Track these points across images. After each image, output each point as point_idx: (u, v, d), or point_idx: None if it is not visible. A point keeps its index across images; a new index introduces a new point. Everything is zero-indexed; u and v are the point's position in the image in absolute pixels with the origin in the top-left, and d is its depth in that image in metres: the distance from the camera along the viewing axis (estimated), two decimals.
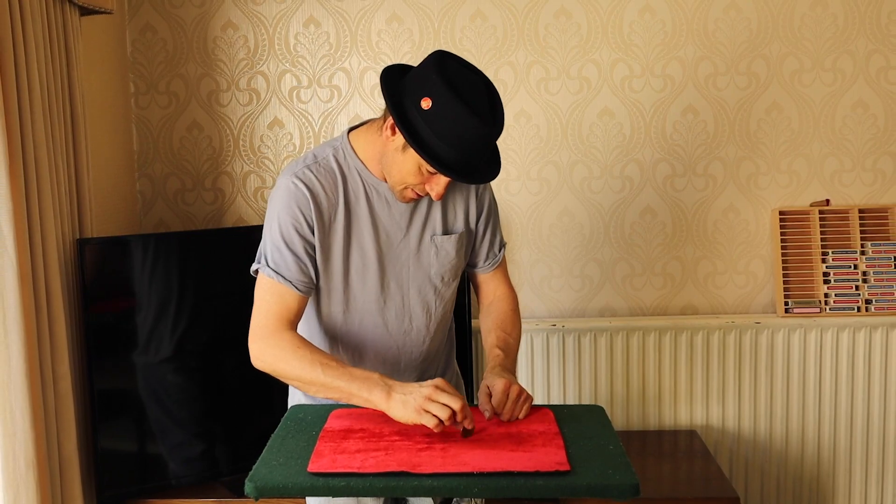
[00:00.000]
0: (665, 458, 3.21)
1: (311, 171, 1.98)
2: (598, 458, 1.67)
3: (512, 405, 1.86)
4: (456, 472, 1.58)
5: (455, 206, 2.10)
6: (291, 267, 1.96)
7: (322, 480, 1.58)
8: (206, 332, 2.95)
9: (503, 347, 2.07)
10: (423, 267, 2.08)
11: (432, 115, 1.81)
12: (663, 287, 3.47)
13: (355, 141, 2.03)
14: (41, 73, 2.55)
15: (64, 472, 2.61)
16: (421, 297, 2.10)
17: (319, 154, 2.03)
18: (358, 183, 2.01)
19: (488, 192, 2.17)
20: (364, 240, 2.02)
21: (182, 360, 2.93)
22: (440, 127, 1.81)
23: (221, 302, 2.96)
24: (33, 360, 2.43)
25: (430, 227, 2.07)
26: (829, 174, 3.41)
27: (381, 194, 2.02)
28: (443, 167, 1.84)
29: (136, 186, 3.42)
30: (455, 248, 2.09)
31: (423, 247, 2.07)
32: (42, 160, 2.51)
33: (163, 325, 2.89)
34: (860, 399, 3.37)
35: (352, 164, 2.01)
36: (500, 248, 2.22)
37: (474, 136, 1.82)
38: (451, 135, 1.81)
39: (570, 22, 3.33)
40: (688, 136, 3.38)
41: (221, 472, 3.03)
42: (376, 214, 2.02)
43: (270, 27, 3.34)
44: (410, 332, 2.11)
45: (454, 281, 2.15)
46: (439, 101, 1.80)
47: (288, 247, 1.96)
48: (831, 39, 3.33)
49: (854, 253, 3.36)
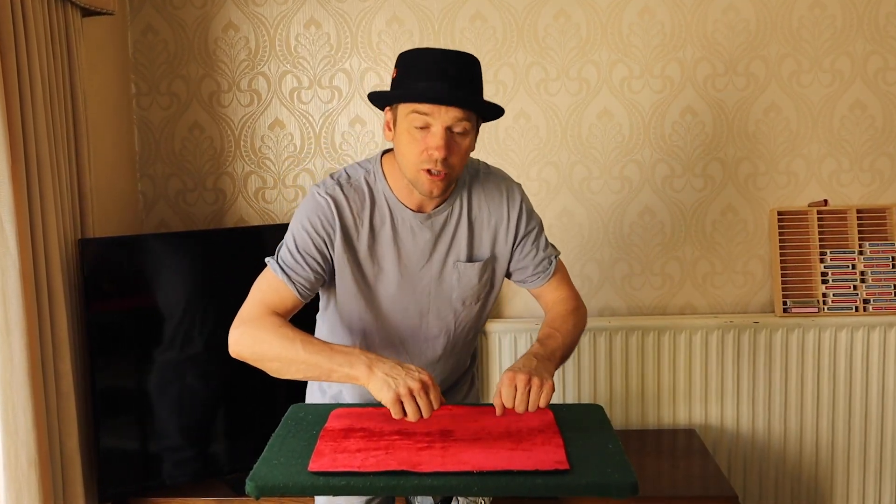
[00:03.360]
0: (664, 457, 3.21)
1: (342, 190, 2.01)
2: (597, 457, 1.68)
3: (522, 397, 1.78)
4: (456, 471, 1.59)
5: (482, 234, 2.10)
6: (298, 270, 1.97)
7: (323, 479, 1.59)
8: (207, 330, 2.95)
9: (542, 339, 2.03)
10: (444, 291, 2.08)
11: (399, 75, 1.93)
12: (662, 287, 3.48)
13: (387, 165, 2.05)
14: (43, 74, 2.55)
15: (66, 470, 2.62)
16: (440, 321, 2.11)
17: (353, 174, 2.05)
18: (385, 208, 2.02)
19: (524, 214, 2.13)
20: (386, 262, 2.03)
21: (184, 359, 2.94)
22: (409, 73, 1.90)
23: (223, 301, 2.91)
24: (35, 359, 2.44)
25: (454, 253, 2.07)
26: (828, 174, 3.42)
27: (405, 221, 2.02)
28: (420, 96, 1.87)
29: (137, 187, 3.43)
30: (478, 275, 2.09)
31: (445, 272, 2.07)
32: (44, 160, 2.51)
33: (164, 324, 2.90)
34: (858, 398, 3.37)
35: (381, 188, 2.03)
36: (551, 261, 2.17)
37: (441, 62, 1.88)
38: (415, 72, 1.89)
39: (569, 23, 3.33)
40: (686, 137, 3.39)
41: (222, 470, 3.03)
42: (400, 239, 2.03)
43: (271, 28, 3.35)
44: (426, 353, 2.13)
45: (476, 304, 2.14)
46: (402, 63, 1.94)
47: (301, 254, 1.98)
48: (830, 40, 3.34)
49: (852, 253, 3.36)
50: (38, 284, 2.49)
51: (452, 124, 1.88)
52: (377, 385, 1.75)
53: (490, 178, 2.12)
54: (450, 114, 1.87)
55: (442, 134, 1.88)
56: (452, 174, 1.94)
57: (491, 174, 2.14)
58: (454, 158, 1.92)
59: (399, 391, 1.72)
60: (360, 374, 1.78)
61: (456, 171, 1.95)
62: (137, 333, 2.88)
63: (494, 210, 2.10)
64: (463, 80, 1.91)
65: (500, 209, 2.10)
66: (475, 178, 2.10)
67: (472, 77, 1.94)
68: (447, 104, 1.87)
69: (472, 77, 1.94)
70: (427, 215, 2.03)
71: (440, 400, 1.75)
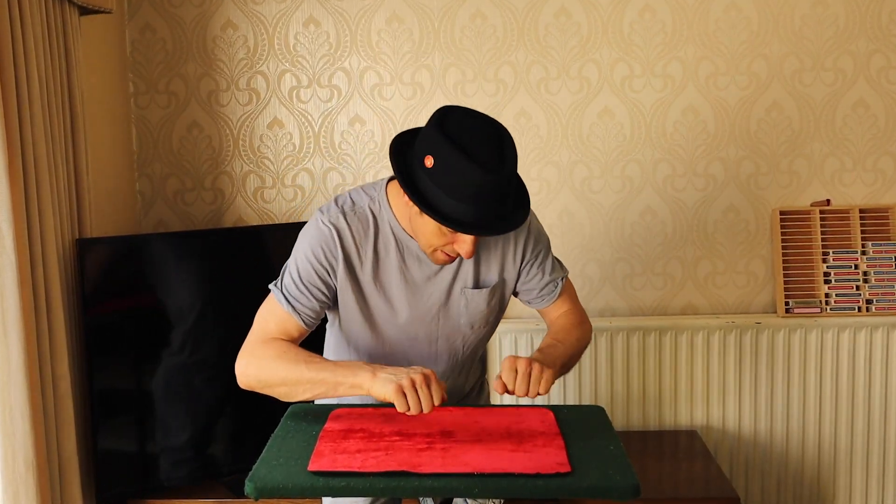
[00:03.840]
0: (665, 459, 3.21)
1: (345, 218, 1.96)
2: (598, 459, 1.67)
3: (523, 379, 1.78)
4: (456, 472, 1.58)
5: (489, 259, 2.05)
6: (302, 300, 1.95)
7: (322, 480, 1.58)
8: (206, 331, 2.94)
9: (543, 347, 2.01)
10: (451, 318, 2.05)
11: (436, 172, 1.75)
12: (663, 287, 3.47)
13: (392, 194, 1.99)
14: (41, 73, 2.54)
15: (63, 472, 2.61)
16: (448, 345, 2.09)
17: (357, 200, 1.99)
18: (389, 237, 1.98)
19: (531, 237, 2.08)
20: (392, 291, 2.00)
21: (182, 360, 2.92)
22: (445, 183, 1.74)
23: (222, 301, 2.95)
24: (33, 361, 2.43)
25: (460, 280, 2.03)
26: (830, 174, 3.41)
27: (411, 250, 1.98)
28: (455, 224, 1.77)
29: (135, 186, 3.42)
30: (486, 301, 2.05)
31: (452, 299, 2.03)
32: (41, 160, 2.50)
33: (163, 325, 2.89)
34: (861, 399, 3.36)
35: (386, 217, 1.98)
36: (557, 283, 2.14)
37: (481, 186, 1.73)
38: (457, 189, 1.74)
39: (570, 21, 3.32)
40: (688, 136, 3.38)
41: (221, 472, 3.02)
42: (407, 268, 1.99)
43: (270, 27, 3.34)
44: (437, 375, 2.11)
45: (485, 327, 2.11)
46: (440, 156, 1.75)
47: (305, 284, 1.96)
48: (832, 39, 3.33)
49: (855, 253, 3.36)
50: (35, 285, 2.47)
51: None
52: (380, 384, 1.74)
53: None
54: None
55: (473, 241, 1.84)
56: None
57: None
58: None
59: (402, 383, 1.71)
60: (364, 380, 1.77)
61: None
62: (136, 334, 2.87)
63: (503, 235, 2.04)
64: (517, 197, 1.87)
65: (509, 234, 2.04)
66: None
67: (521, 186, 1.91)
68: (492, 235, 1.88)
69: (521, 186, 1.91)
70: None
71: (443, 394, 1.73)
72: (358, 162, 3.39)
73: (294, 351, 1.90)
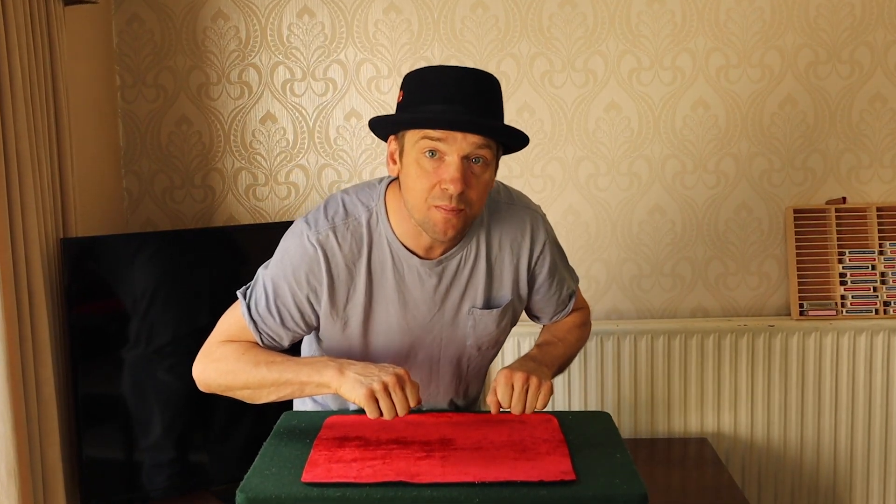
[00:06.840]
0: (674, 467, 3.19)
1: (335, 235, 1.79)
2: (604, 467, 1.64)
3: (520, 397, 1.69)
4: (456, 481, 1.55)
5: (502, 277, 1.91)
6: (269, 322, 1.84)
7: (317, 491, 1.55)
8: (195, 334, 2.87)
9: (541, 344, 1.95)
10: (457, 339, 1.92)
11: (406, 98, 1.73)
12: (673, 288, 3.43)
13: (391, 201, 1.83)
14: (24, 66, 2.52)
15: (47, 480, 2.59)
16: (451, 367, 1.97)
17: (351, 210, 1.83)
18: (386, 252, 1.82)
19: (546, 255, 1.95)
20: (388, 313, 1.85)
21: (171, 364, 2.88)
22: (416, 97, 1.71)
23: (211, 303, 2.90)
24: (15, 364, 2.40)
25: (469, 299, 1.88)
26: (846, 171, 3.38)
27: (411, 268, 1.83)
28: (422, 122, 1.68)
29: (122, 183, 3.39)
30: (496, 321, 1.92)
31: (458, 319, 1.90)
32: (24, 156, 2.48)
33: (150, 328, 2.86)
34: (878, 405, 3.33)
35: (383, 230, 1.82)
36: (570, 297, 2.05)
37: (451, 75, 1.71)
38: (427, 92, 1.69)
39: (575, 12, 3.29)
40: (698, 131, 3.35)
41: (212, 481, 2.99)
42: (405, 287, 1.84)
43: (263, 17, 3.30)
44: (437, 396, 2.02)
45: (493, 348, 2.00)
46: (410, 84, 1.74)
47: (276, 306, 1.83)
48: (848, 30, 3.30)
49: (872, 253, 3.33)
50: (17, 286, 2.45)
51: (470, 153, 1.67)
52: (349, 385, 1.65)
53: (513, 210, 1.91)
54: (468, 140, 1.65)
55: (458, 164, 1.66)
56: (470, 212, 1.72)
57: (514, 205, 1.92)
58: (472, 193, 1.69)
59: (373, 386, 1.62)
60: (330, 378, 1.68)
61: (474, 210, 1.73)
62: (122, 338, 2.83)
63: (517, 248, 1.91)
64: (483, 101, 1.71)
65: (523, 247, 1.91)
66: (495, 213, 1.89)
67: (493, 99, 1.74)
68: (465, 130, 1.65)
69: (493, 99, 1.74)
70: (437, 261, 1.83)
71: (417, 396, 1.65)
72: (354, 158, 3.35)
73: (254, 351, 1.82)
